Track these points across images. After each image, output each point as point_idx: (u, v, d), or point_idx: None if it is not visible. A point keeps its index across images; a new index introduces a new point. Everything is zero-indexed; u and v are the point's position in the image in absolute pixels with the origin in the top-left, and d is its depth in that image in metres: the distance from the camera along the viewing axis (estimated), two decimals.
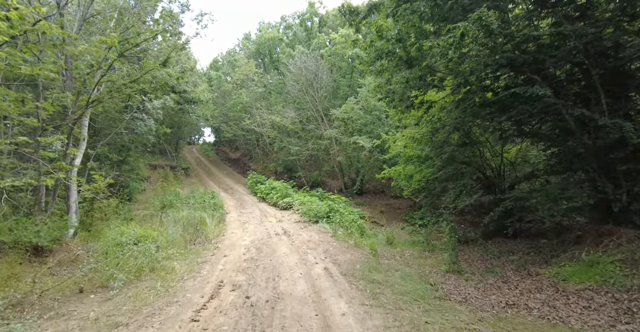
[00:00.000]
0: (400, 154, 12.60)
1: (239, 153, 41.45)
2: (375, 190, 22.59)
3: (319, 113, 21.05)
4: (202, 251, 8.42)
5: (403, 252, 9.61)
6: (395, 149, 12.80)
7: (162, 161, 27.31)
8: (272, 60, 31.06)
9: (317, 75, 20.89)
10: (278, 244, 9.36)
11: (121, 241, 7.17)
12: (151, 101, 14.70)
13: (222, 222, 13.29)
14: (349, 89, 21.85)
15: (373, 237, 12.16)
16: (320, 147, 20.80)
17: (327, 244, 9.43)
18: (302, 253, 8.14)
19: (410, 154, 10.99)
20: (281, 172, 26.96)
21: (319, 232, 11.25)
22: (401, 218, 18.85)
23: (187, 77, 19.85)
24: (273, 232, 11.27)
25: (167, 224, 9.97)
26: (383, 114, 17.52)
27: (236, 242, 9.80)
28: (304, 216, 13.83)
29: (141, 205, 17.85)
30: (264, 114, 23.03)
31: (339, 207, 13.64)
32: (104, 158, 15.81)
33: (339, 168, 21.17)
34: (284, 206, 16.46)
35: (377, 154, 17.35)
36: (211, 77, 37.13)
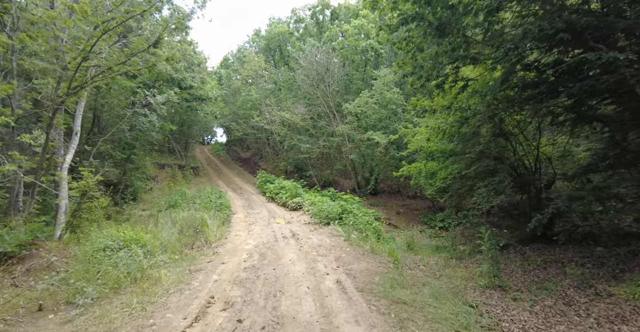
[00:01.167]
0: (420, 149, 11.39)
1: (250, 152, 40.89)
2: (391, 190, 21.34)
3: (331, 109, 19.96)
4: (198, 256, 7.48)
5: (427, 259, 8.43)
6: (414, 144, 11.60)
7: (170, 160, 26.80)
8: (283, 56, 30.11)
9: (328, 69, 19.82)
10: (284, 248, 8.33)
11: (106, 246, 6.29)
12: (154, 96, 13.94)
13: (226, 224, 12.39)
14: (362, 82, 20.68)
15: (391, 241, 11.00)
16: (332, 144, 19.71)
17: (340, 250, 8.34)
18: (311, 260, 7.08)
19: (432, 149, 9.78)
20: (291, 171, 26.02)
21: (330, 236, 10.17)
22: (419, 220, 17.55)
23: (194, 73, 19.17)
24: (280, 234, 10.26)
25: (164, 226, 9.09)
26: (399, 108, 16.30)
27: (239, 246, 8.83)
28: (314, 217, 12.78)
29: (146, 205, 17.21)
30: (273, 111, 22.09)
31: (352, 208, 12.52)
32: (107, 156, 15.17)
33: (351, 166, 20.03)
34: (293, 206, 15.45)
35: (393, 150, 16.14)
36: (221, 76, 36.62)
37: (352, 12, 24.28)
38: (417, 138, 11.21)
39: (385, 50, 20.87)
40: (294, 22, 28.52)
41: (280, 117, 21.29)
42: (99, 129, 16.98)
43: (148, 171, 20.64)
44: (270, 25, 30.00)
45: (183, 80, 17.35)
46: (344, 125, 17.79)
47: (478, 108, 7.75)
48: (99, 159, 15.32)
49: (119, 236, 6.95)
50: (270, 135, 27.38)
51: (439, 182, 9.27)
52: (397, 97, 16.02)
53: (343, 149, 19.19)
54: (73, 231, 7.59)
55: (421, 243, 11.71)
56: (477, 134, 8.20)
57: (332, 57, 19.94)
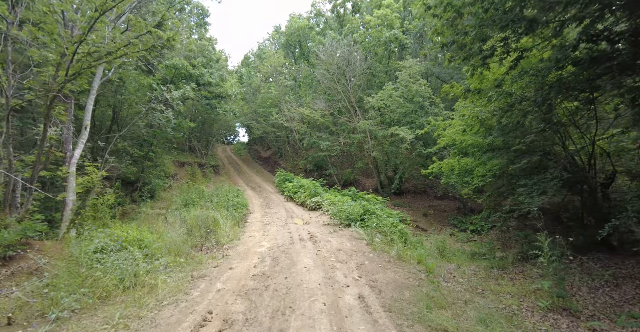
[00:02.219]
0: (453, 144, 10.23)
1: (270, 152, 40.77)
2: (416, 190, 20.06)
3: (352, 104, 18.99)
4: (206, 260, 6.80)
5: (464, 269, 7.33)
6: (446, 138, 10.45)
7: (191, 159, 26.79)
8: (303, 52, 29.41)
9: (350, 63, 18.86)
10: (301, 253, 7.51)
11: (104, 247, 5.73)
12: (170, 92, 13.58)
13: (242, 224, 11.78)
14: (385, 76, 19.54)
15: (419, 246, 9.93)
16: (354, 141, 18.74)
17: (362, 256, 7.42)
18: (329, 268, 6.21)
19: (468, 143, 8.63)
20: (311, 170, 25.28)
21: (351, 239, 9.26)
22: (449, 223, 16.24)
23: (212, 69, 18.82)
24: (297, 236, 9.47)
25: (173, 226, 8.54)
26: (427, 102, 15.08)
27: (251, 248, 8.11)
28: (334, 218, 11.91)
29: (164, 203, 17.01)
30: (292, 108, 21.40)
31: (376, 209, 11.53)
32: (125, 153, 15.02)
33: (374, 165, 18.97)
34: (312, 206, 14.65)
35: (420, 147, 14.96)
36: (242, 75, 36.55)
37: (375, 4, 23.15)
38: (450, 132, 10.07)
39: (410, 41, 19.60)
40: (314, 16, 27.75)
41: (300, 114, 20.55)
42: (118, 127, 16.96)
43: (167, 169, 20.55)
44: (290, 21, 29.43)
45: (201, 77, 17.01)
46: (366, 121, 16.75)
47: (525, 93, 6.58)
48: (116, 156, 15.24)
49: (121, 237, 6.40)
50: (290, 133, 26.78)
51: (476, 180, 8.11)
52: (424, 90, 14.81)
53: (365, 146, 18.17)
54: (77, 230, 7.14)
55: (453, 249, 10.54)
56: (521, 125, 7.02)
57: (354, 50, 18.97)
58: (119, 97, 14.53)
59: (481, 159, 8.48)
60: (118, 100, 14.64)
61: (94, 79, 9.40)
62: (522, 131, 6.81)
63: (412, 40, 19.78)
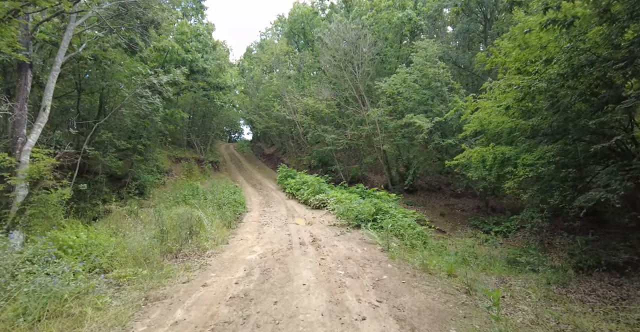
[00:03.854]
0: (482, 129, 8.56)
1: (274, 148, 39.58)
2: (430, 187, 18.36)
3: (360, 93, 17.33)
4: (177, 271, 5.27)
5: (509, 283, 5.70)
6: (474, 123, 8.78)
7: (188, 154, 25.40)
8: (307, 41, 27.74)
9: (357, 48, 17.21)
10: (299, 261, 5.96)
11: (28, 258, 4.23)
12: (158, 76, 12.09)
13: (235, 223, 10.26)
14: (397, 61, 17.82)
15: (444, 252, 8.29)
16: (362, 134, 17.10)
17: (378, 266, 5.82)
18: (335, 286, 4.63)
19: (506, 126, 6.95)
20: (315, 166, 23.72)
21: (362, 243, 7.67)
22: (470, 223, 14.53)
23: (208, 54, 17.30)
24: (297, 239, 7.92)
25: (147, 226, 7.03)
26: (445, 87, 13.37)
27: (239, 255, 6.57)
28: (340, 217, 10.34)
29: (154, 200, 15.59)
30: (295, 98, 19.79)
31: (389, 208, 9.92)
32: (109, 145, 13.59)
33: (383, 160, 17.31)
34: (316, 204, 13.09)
35: (437, 138, 13.27)
36: (244, 68, 35.15)
37: None
38: (481, 114, 8.38)
39: (425, 23, 17.81)
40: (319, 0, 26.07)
41: (304, 104, 18.96)
42: (105, 117, 15.56)
43: (161, 164, 19.13)
44: (294, 8, 27.76)
45: (195, 62, 15.53)
46: (376, 109, 15.07)
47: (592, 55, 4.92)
48: (100, 148, 13.82)
49: (65, 241, 4.90)
50: (294, 127, 25.23)
51: (523, 171, 6.40)
52: (442, 74, 13.11)
53: (374, 139, 16.52)
54: (25, 233, 5.66)
55: (482, 253, 8.87)
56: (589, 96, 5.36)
57: (362, 34, 17.29)
58: (103, 83, 13.08)
59: (524, 146, 6.81)
60: (101, 86, 13.18)
61: (57, 53, 7.93)
62: (591, 105, 5.14)
63: (426, 22, 18.04)
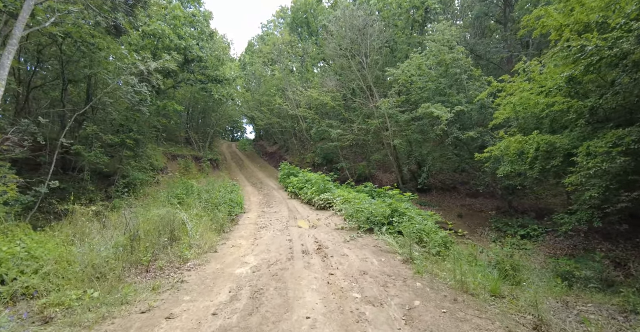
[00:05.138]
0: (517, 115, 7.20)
1: (276, 147, 38.66)
2: (444, 186, 16.99)
3: (368, 84, 15.98)
4: (140, 293, 3.99)
5: (576, 309, 4.36)
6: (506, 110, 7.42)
7: (186, 151, 24.21)
8: (310, 32, 26.39)
9: (365, 35, 15.86)
10: (302, 278, 4.67)
11: None
12: (145, 61, 10.85)
13: (229, 226, 8.98)
14: (408, 48, 16.45)
15: (474, 262, 6.95)
16: (370, 128, 15.75)
17: (404, 286, 4.52)
18: (352, 321, 3.33)
19: (556, 109, 5.59)
20: (319, 163, 22.44)
21: (377, 252, 6.37)
22: (491, 225, 13.16)
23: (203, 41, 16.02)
24: (299, 247, 6.64)
25: (117, 229, 5.78)
26: (465, 74, 11.99)
27: (227, 268, 5.29)
28: (349, 219, 9.05)
29: (146, 199, 14.39)
30: (298, 90, 18.45)
31: (405, 209, 8.58)
32: (94, 138, 12.38)
33: (394, 156, 15.95)
34: (321, 204, 11.79)
35: (456, 130, 11.90)
36: (245, 62, 33.98)
37: None
38: (515, 99, 7.02)
39: (438, 7, 16.38)
40: None
41: (307, 97, 17.64)
42: (92, 109, 14.36)
43: (155, 161, 17.93)
44: None
45: (189, 49, 14.29)
46: (387, 99, 13.68)
47: None
48: (84, 143, 12.63)
49: None
50: (296, 123, 23.95)
51: (592, 162, 4.96)
52: (461, 59, 11.72)
53: (384, 133, 15.16)
54: None
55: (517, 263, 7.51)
56: None
57: (370, 21, 15.95)
58: (87, 70, 11.88)
59: (574, 133, 5.43)
60: (85, 74, 11.98)
61: (15, 23, 6.70)
62: None
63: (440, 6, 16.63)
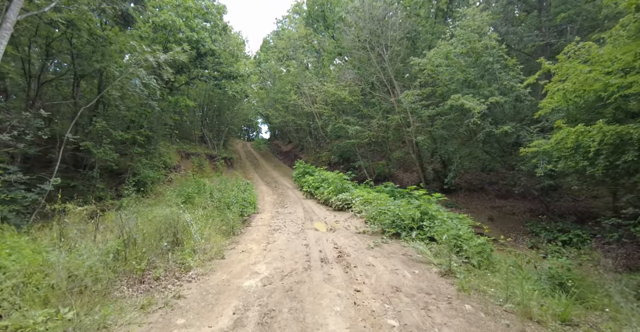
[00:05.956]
0: (568, 104, 6.13)
1: (291, 145, 38.25)
2: (471, 186, 15.79)
3: (389, 77, 14.99)
4: (124, 313, 3.27)
5: None
6: (556, 98, 6.35)
7: (200, 150, 23.87)
8: (326, 25, 25.54)
9: (385, 26, 14.89)
10: (322, 295, 3.85)
11: None
12: (155, 52, 10.31)
13: (239, 229, 8.27)
14: (432, 37, 15.30)
15: (521, 275, 5.94)
16: (391, 124, 14.76)
17: (450, 309, 3.62)
18: None
19: (633, 91, 4.52)
20: (336, 162, 21.58)
21: (408, 261, 5.46)
22: (526, 229, 11.96)
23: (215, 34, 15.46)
24: (317, 253, 5.82)
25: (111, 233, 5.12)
26: (498, 64, 10.85)
27: (234, 279, 4.53)
28: (371, 222, 8.18)
29: (157, 197, 13.95)
30: (314, 85, 17.64)
31: (436, 211, 7.61)
32: (103, 134, 11.97)
33: (416, 154, 14.89)
34: (338, 204, 10.95)
35: (488, 125, 10.79)
36: (260, 60, 33.53)
37: None
38: (567, 85, 5.94)
39: None
40: None
41: (324, 92, 16.80)
42: (104, 106, 14.03)
43: (168, 159, 17.55)
44: None
45: (201, 42, 13.72)
46: (410, 91, 12.64)
47: None
48: (93, 139, 12.25)
49: None
50: (312, 120, 23.17)
51: None
52: (494, 46, 10.58)
53: (406, 129, 14.14)
54: None
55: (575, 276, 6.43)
56: None
57: (391, 10, 14.96)
58: (96, 64, 11.46)
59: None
60: (95, 68, 11.57)
61: (10, 6, 6.17)
62: None
63: None
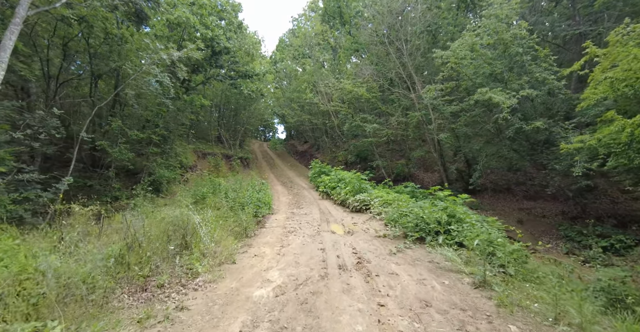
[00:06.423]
0: (615, 94, 5.40)
1: (307, 145, 38.07)
2: (496, 187, 14.89)
3: (409, 73, 14.33)
4: (119, 328, 2.92)
5: None
6: (601, 88, 5.64)
7: (217, 150, 23.88)
8: (343, 22, 25.01)
9: (405, 19, 14.25)
10: (341, 310, 3.39)
11: None
12: (168, 50, 10.15)
13: (253, 230, 7.91)
14: (455, 30, 14.48)
15: (563, 286, 5.27)
16: (411, 121, 14.09)
17: (490, 329, 3.08)
18: None
19: None
20: (352, 162, 21.04)
21: (435, 270, 4.92)
22: (559, 233, 11.08)
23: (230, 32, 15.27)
24: (334, 259, 5.36)
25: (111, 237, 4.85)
26: (528, 55, 10.03)
27: (244, 288, 4.13)
28: (391, 225, 7.65)
29: (173, 197, 13.87)
30: (330, 83, 17.18)
31: (464, 214, 7.00)
32: (119, 134, 11.94)
33: (438, 153, 14.16)
34: (356, 206, 10.44)
35: (517, 121, 9.99)
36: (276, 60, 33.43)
37: None
38: (618, 72, 5.22)
39: None
40: None
41: (340, 90, 16.31)
42: (121, 105, 14.07)
43: (184, 159, 17.53)
44: None
45: (216, 40, 13.51)
46: (433, 85, 11.95)
47: None
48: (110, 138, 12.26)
49: None
50: (328, 119, 22.72)
51: None
52: (524, 36, 9.75)
53: (428, 127, 13.45)
54: None
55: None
56: None
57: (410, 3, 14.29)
58: (112, 63, 11.44)
59: None
60: (110, 67, 11.56)
61: (19, 1, 6.04)
62: None
63: None
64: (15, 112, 7.55)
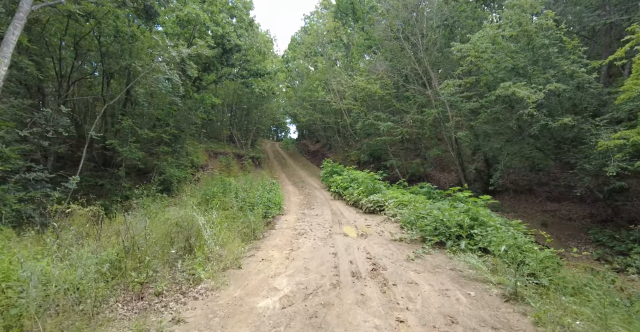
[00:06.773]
0: None
1: (319, 145, 37.84)
2: (517, 188, 14.15)
3: (424, 67, 13.76)
4: None
5: None
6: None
7: (228, 149, 23.81)
8: (356, 18, 24.50)
9: (420, 14, 13.69)
10: (355, 328, 2.99)
11: None
12: (177, 47, 9.96)
13: (262, 232, 7.59)
14: (474, 23, 13.78)
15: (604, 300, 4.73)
16: (427, 119, 13.51)
17: None
18: None
19: None
20: (365, 161, 20.53)
21: (458, 279, 4.46)
22: (588, 237, 10.35)
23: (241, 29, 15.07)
24: (347, 265, 4.98)
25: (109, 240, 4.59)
26: (554, 48, 9.35)
27: (248, 298, 3.79)
28: (408, 227, 7.19)
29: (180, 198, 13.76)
30: (343, 80, 16.74)
31: (487, 217, 6.48)
32: (129, 133, 11.86)
33: (456, 152, 13.54)
34: (369, 207, 10.00)
35: (543, 117, 9.33)
36: (288, 59, 33.23)
37: None
38: None
39: None
40: None
41: (353, 87, 15.87)
42: (132, 104, 14.05)
43: (195, 158, 17.46)
44: None
45: (226, 37, 13.31)
46: (451, 81, 11.36)
47: None
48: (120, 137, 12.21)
49: None
50: (340, 118, 22.29)
51: None
52: (550, 27, 9.06)
53: (444, 125, 12.86)
54: None
55: None
56: None
57: None
58: (122, 61, 11.37)
59: None
60: (120, 65, 11.48)
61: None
62: None
63: None
64: (24, 110, 7.46)
